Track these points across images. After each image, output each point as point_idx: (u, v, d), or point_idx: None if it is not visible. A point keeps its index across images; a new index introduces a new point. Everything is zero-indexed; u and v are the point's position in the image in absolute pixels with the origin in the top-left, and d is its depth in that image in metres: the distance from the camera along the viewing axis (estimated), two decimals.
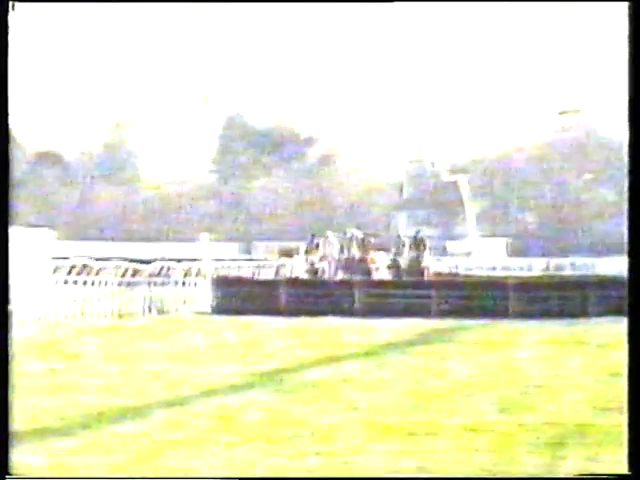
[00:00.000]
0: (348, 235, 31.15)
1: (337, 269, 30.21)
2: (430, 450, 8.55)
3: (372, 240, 31.77)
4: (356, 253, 30.56)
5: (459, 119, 65.35)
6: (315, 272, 29.75)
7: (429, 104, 64.30)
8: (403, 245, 31.04)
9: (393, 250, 31.01)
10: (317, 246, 30.18)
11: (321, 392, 12.06)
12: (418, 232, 32.79)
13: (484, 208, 62.30)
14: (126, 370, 14.21)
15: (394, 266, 30.37)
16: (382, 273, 30.11)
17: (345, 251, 30.47)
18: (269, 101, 63.84)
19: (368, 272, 30.00)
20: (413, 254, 30.40)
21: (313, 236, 30.75)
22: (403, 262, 30.26)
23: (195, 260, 29.48)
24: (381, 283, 28.20)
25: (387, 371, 14.37)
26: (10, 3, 5.44)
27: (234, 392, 12.08)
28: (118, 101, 61.86)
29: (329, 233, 31.14)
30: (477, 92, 64.87)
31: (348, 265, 30.22)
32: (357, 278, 28.89)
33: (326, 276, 29.70)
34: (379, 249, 31.56)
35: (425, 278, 29.27)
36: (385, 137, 64.68)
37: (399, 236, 32.80)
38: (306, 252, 30.53)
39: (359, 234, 31.52)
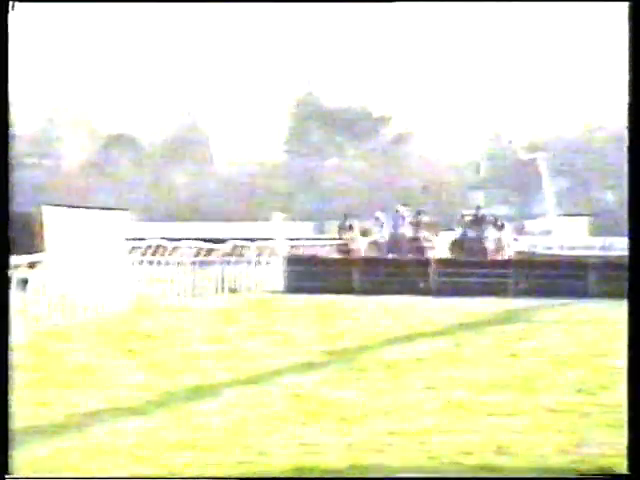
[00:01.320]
0: (398, 214, 30.35)
1: (383, 249, 29.47)
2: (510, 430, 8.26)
3: (425, 218, 30.41)
4: (407, 232, 29.61)
5: (538, 96, 64.36)
6: (348, 252, 29.24)
7: (507, 81, 63.41)
8: (464, 224, 29.68)
9: (459, 229, 30.23)
10: (350, 227, 29.76)
11: (394, 372, 11.79)
12: (478, 209, 30.92)
13: (564, 187, 61.31)
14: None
15: (457, 245, 29.58)
16: (438, 252, 29.27)
17: (393, 230, 29.79)
18: (341, 80, 63.51)
19: (420, 251, 29.24)
20: (474, 233, 29.25)
21: (345, 216, 30.39)
22: (466, 241, 29.48)
23: (269, 239, 29.32)
24: (458, 262, 27.75)
25: (465, 351, 14.07)
26: (10, 3, 5.32)
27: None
28: (191, 84, 62.06)
29: (378, 213, 30.50)
30: (556, 69, 63.83)
31: (395, 245, 29.46)
32: (432, 257, 28.29)
33: (360, 255, 29.15)
34: (443, 228, 31.12)
35: (489, 258, 28.48)
36: (461, 115, 63.95)
37: (463, 215, 31.54)
38: (339, 233, 30.14)
39: (407, 213, 30.35)
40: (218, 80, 62.68)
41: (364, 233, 30.10)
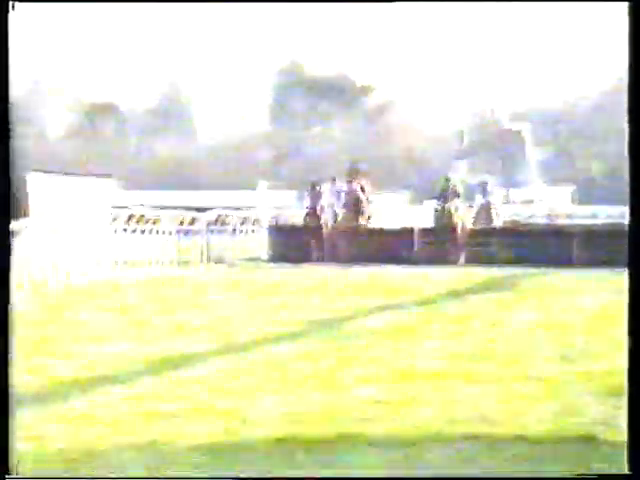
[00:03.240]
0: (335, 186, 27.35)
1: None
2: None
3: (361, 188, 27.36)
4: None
5: (522, 67, 64.22)
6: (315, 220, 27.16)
7: (490, 51, 63.25)
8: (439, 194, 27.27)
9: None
10: (319, 193, 27.44)
11: (376, 340, 11.81)
12: (448, 179, 27.98)
13: (548, 156, 61.34)
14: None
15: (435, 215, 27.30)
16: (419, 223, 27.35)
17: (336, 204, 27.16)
18: (325, 49, 63.22)
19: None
20: (441, 206, 27.04)
21: (313, 185, 27.94)
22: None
23: (252, 208, 29.25)
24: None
25: (446, 318, 14.11)
26: (10, 3, 5.34)
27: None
28: (173, 52, 61.67)
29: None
30: (540, 39, 63.70)
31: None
32: (419, 226, 27.70)
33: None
34: (427, 197, 30.15)
35: (459, 233, 26.80)
36: (445, 84, 63.78)
37: (448, 179, 28.16)
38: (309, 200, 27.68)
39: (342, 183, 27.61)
40: (202, 50, 62.33)
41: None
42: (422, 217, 29.83)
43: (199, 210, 26.33)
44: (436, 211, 27.35)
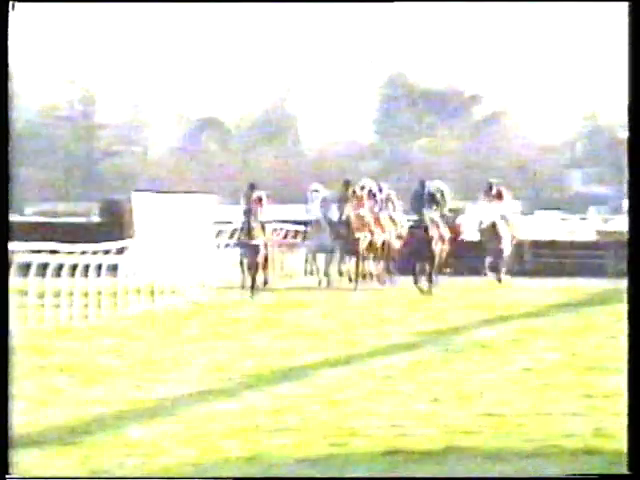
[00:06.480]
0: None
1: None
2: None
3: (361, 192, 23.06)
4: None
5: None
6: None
7: (602, 57, 61.84)
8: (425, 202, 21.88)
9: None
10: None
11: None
12: (423, 182, 22.54)
13: None
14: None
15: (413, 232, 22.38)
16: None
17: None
18: (431, 59, 62.66)
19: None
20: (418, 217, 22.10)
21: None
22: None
23: None
24: (536, 242, 26.99)
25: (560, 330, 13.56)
26: (10, 3, 5.18)
27: None
28: (278, 65, 61.81)
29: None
30: None
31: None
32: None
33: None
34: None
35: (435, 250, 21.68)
36: (555, 93, 62.58)
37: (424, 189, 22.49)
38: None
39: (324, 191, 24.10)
40: (307, 61, 62.34)
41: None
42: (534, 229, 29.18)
43: (302, 223, 25.92)
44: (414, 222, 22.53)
